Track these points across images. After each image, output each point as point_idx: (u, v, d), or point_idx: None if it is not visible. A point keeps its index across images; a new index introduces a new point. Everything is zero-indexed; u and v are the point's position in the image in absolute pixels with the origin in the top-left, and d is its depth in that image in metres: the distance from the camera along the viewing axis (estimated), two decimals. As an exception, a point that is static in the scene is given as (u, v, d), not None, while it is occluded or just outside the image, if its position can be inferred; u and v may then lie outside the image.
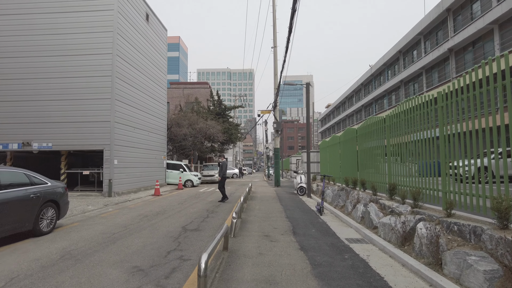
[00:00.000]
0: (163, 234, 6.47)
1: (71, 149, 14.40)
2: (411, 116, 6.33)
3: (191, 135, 22.99)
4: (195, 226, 7.20)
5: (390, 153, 7.62)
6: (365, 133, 9.44)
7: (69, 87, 14.05)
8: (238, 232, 6.54)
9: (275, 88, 18.43)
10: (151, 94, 18.82)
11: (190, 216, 8.61)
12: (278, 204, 11.12)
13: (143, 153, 17.36)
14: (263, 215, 8.74)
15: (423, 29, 28.04)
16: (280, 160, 21.71)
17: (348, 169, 11.24)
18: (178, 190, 18.45)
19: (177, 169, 21.07)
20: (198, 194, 15.52)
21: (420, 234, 4.69)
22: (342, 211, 9.11)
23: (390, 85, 35.56)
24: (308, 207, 10.62)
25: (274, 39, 20.25)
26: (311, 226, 7.26)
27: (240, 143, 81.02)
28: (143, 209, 10.33)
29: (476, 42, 21.68)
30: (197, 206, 10.64)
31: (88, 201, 12.09)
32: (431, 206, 5.77)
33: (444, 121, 5.30)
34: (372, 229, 6.58)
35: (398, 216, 5.77)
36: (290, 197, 13.87)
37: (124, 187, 14.93)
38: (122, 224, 7.69)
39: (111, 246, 5.58)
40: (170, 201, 12.38)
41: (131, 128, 15.87)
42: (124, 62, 15.16)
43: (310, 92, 14.31)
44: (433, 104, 5.61)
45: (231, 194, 15.02)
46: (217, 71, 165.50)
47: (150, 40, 18.82)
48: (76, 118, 14.01)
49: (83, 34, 14.19)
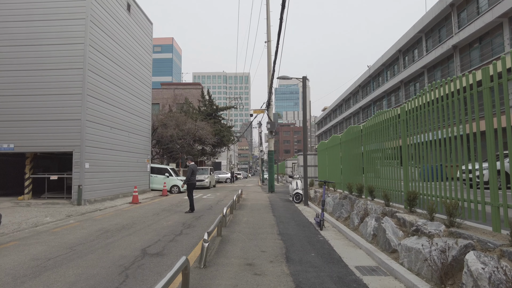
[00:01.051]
0: (112, 260, 4.85)
1: (36, 151, 12.72)
2: (449, 102, 4.79)
3: (179, 137, 21.33)
4: (159, 249, 5.57)
5: (407, 154, 6.09)
6: (372, 131, 7.91)
7: (33, 81, 12.40)
8: (213, 258, 4.94)
9: (269, 86, 16.90)
10: (133, 92, 17.20)
11: (159, 233, 6.98)
12: (270, 215, 9.51)
13: (123, 155, 15.69)
14: (250, 230, 7.13)
15: (425, 27, 26.77)
16: (274, 164, 20.15)
17: (351, 173, 9.69)
18: (162, 196, 16.78)
19: (163, 173, 19.40)
20: (181, 202, 13.87)
21: (474, 272, 3.12)
22: (347, 225, 7.53)
23: (389, 86, 34.24)
24: (305, 218, 9.03)
25: (267, 32, 18.77)
26: (309, 247, 5.66)
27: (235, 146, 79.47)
28: (109, 221, 8.68)
29: (483, 37, 20.36)
30: (173, 218, 9.00)
31: (50, 211, 10.40)
32: (476, 225, 4.21)
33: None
34: (389, 252, 5.01)
35: (429, 238, 4.21)
36: (285, 205, 12.27)
37: (98, 194, 13.24)
38: (70, 243, 6.05)
39: (28, 283, 3.95)
40: (146, 211, 10.73)
41: (108, 128, 14.22)
42: (99, 55, 13.56)
43: (306, 93, 12.81)
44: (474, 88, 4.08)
45: (218, 202, 13.38)
46: (212, 75, 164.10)
47: (132, 33, 17.24)
48: (42, 116, 12.35)
49: (51, 21, 12.58)
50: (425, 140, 5.37)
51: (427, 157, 5.36)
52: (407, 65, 30.61)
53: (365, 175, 8.68)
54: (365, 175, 8.68)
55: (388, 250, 5.07)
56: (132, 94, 17.07)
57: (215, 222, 5.72)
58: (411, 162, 5.93)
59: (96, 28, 13.14)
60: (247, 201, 13.77)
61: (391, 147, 6.77)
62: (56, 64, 12.43)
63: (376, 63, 38.15)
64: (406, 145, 6.12)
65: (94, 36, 13.05)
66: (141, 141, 18.09)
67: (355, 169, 9.31)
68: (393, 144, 6.66)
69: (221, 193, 18.44)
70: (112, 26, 14.77)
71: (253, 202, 13.18)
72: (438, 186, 5.02)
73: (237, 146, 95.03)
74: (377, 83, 39.27)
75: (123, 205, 12.69)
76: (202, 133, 21.77)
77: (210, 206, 11.92)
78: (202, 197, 15.75)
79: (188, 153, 23.71)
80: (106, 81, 14.23)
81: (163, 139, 22.27)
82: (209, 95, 28.45)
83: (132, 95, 17.03)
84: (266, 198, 15.02)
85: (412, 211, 5.67)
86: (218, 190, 21.40)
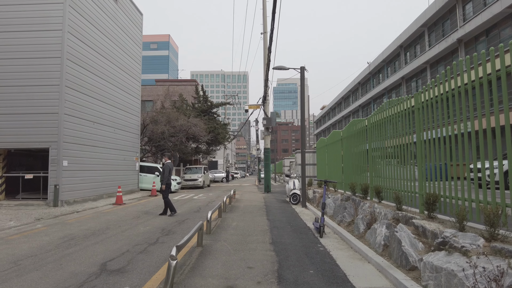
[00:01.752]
0: (57, 281, 3.82)
1: (9, 147, 11.66)
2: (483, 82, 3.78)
3: (170, 134, 20.25)
4: (123, 263, 4.55)
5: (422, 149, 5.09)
6: (380, 124, 6.91)
7: (5, 71, 11.33)
8: (186, 277, 3.92)
9: (265, 78, 15.84)
10: (121, 86, 16.14)
11: (131, 241, 5.95)
12: (263, 219, 8.50)
13: (108, 153, 14.64)
14: (238, 238, 6.11)
15: (427, 21, 25.79)
16: (270, 162, 19.14)
17: (354, 172, 8.69)
18: (150, 197, 15.74)
19: (153, 172, 18.34)
20: (170, 202, 12.84)
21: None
22: (350, 231, 6.53)
23: (390, 82, 33.27)
24: (302, 222, 8.02)
25: (264, 24, 17.76)
26: (307, 260, 4.66)
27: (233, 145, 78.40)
28: (81, 226, 7.64)
29: (490, 30, 19.39)
30: (153, 223, 7.97)
31: (18, 214, 9.35)
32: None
33: None
34: (407, 270, 4.00)
35: (463, 255, 3.21)
36: (281, 206, 11.26)
37: (79, 194, 12.20)
38: (20, 255, 5.03)
39: None
40: (127, 214, 9.70)
41: (90, 123, 13.16)
42: (81, 43, 12.50)
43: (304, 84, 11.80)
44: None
45: (208, 203, 12.36)
46: (210, 73, 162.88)
47: (120, 24, 16.19)
48: (15, 109, 11.29)
49: (24, 5, 11.51)
50: (447, 133, 4.38)
51: (454, 154, 4.34)
52: (409, 61, 29.64)
53: (370, 174, 7.70)
54: (370, 174, 7.70)
55: (405, 267, 4.07)
56: (119, 88, 16.01)
57: (192, 230, 4.70)
58: (427, 159, 4.93)
59: (75, 13, 12.08)
60: (240, 202, 12.75)
61: (403, 143, 5.78)
62: (31, 53, 11.37)
63: (376, 60, 37.18)
64: (422, 139, 5.12)
65: (74, 23, 11.99)
66: (129, 138, 17.03)
67: (359, 167, 8.32)
68: (406, 140, 5.67)
69: (214, 193, 17.41)
70: (96, 14, 13.71)
71: (247, 204, 12.17)
72: (468, 187, 4.02)
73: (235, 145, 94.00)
74: (377, 80, 38.30)
75: (105, 207, 11.66)
76: (195, 130, 20.69)
77: (198, 208, 10.90)
78: (192, 198, 14.72)
79: (181, 151, 22.64)
80: (89, 73, 13.17)
81: (155, 136, 21.21)
82: (203, 91, 27.36)
83: (119, 89, 15.98)
84: (261, 199, 14.00)
85: (431, 217, 4.67)
86: (212, 190, 20.37)
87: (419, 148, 5.20)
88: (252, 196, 15.73)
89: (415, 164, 5.42)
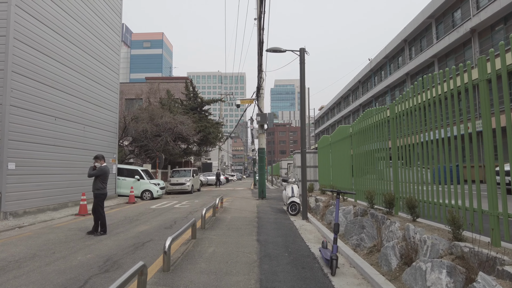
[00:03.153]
0: None
1: None
2: None
3: (154, 133, 18.14)
4: None
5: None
6: (412, 111, 4.91)
7: None
8: None
9: (259, 66, 13.77)
10: (93, 77, 14.05)
11: (45, 284, 3.87)
12: (252, 239, 6.43)
13: (76, 154, 12.53)
14: (208, 280, 4.05)
15: (435, 11, 23.92)
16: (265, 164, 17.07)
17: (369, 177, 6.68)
18: (126, 204, 13.65)
19: (133, 176, 16.24)
20: (143, 213, 10.76)
21: None
22: (375, 264, 4.47)
23: (393, 79, 31.38)
24: (305, 246, 5.96)
25: (258, 9, 15.74)
26: None
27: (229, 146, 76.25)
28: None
29: (509, 17, 17.50)
30: (99, 247, 5.88)
31: None
32: None
33: None
34: None
35: None
36: (277, 219, 9.20)
37: (31, 203, 10.09)
38: None
39: None
40: (79, 228, 7.62)
41: (50, 118, 11.07)
42: (36, 22, 10.44)
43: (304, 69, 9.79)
44: None
45: (188, 215, 10.27)
46: (207, 75, 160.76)
47: (93, 7, 14.12)
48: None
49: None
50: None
51: None
52: (414, 56, 27.75)
53: (395, 178, 5.70)
54: (395, 178, 5.70)
55: None
56: (92, 79, 13.93)
57: (122, 276, 2.63)
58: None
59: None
60: (228, 212, 10.67)
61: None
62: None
63: (378, 56, 35.29)
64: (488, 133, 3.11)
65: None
66: (104, 137, 14.93)
67: (378, 171, 6.31)
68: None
69: (201, 200, 15.31)
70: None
71: (235, 214, 10.09)
72: None
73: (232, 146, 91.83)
74: (379, 77, 36.41)
75: (64, 218, 9.57)
76: (182, 129, 18.58)
77: (174, 221, 8.81)
78: (173, 206, 12.61)
79: (167, 152, 20.53)
80: (50, 59, 11.10)
81: (138, 136, 19.11)
82: (193, 87, 25.23)
83: (91, 80, 13.89)
84: (253, 208, 11.93)
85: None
86: (200, 196, 18.26)
87: (497, 143, 3.20)
88: (244, 203, 13.64)
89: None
